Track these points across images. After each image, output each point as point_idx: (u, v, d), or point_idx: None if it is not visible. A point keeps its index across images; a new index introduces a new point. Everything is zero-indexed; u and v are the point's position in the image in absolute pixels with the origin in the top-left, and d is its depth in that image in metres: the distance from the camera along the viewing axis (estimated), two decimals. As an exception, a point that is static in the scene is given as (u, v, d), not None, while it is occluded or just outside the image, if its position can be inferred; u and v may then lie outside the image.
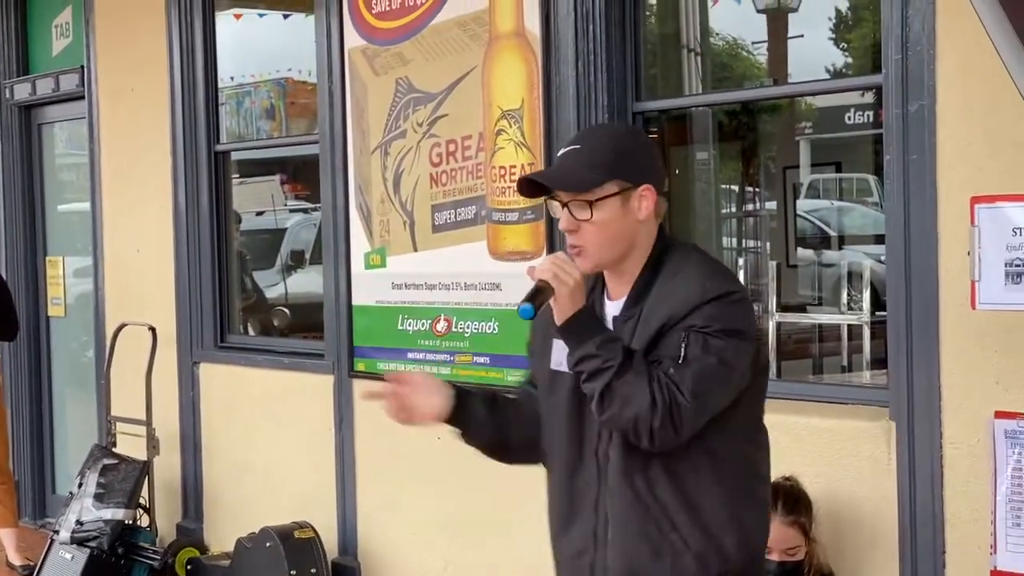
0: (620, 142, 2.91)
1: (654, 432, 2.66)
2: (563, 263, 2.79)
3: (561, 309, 2.78)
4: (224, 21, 7.08)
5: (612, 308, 2.88)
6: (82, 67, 7.73)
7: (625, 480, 2.80)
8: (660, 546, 2.78)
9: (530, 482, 5.26)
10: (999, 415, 3.12)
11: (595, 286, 2.92)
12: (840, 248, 11.33)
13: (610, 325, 2.85)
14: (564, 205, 2.83)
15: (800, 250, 10.78)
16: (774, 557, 3.97)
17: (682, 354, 2.69)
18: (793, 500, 4.03)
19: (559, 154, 2.94)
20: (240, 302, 7.44)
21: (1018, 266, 3.01)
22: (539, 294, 2.77)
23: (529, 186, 2.90)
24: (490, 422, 3.05)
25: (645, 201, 2.82)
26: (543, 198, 2.92)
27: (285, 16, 7.73)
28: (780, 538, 3.94)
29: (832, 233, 11.94)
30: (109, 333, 7.33)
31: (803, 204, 12.50)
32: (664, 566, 2.78)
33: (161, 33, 7.04)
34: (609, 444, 2.83)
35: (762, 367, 2.86)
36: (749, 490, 2.85)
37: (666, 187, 2.94)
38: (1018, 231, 3.01)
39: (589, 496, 2.88)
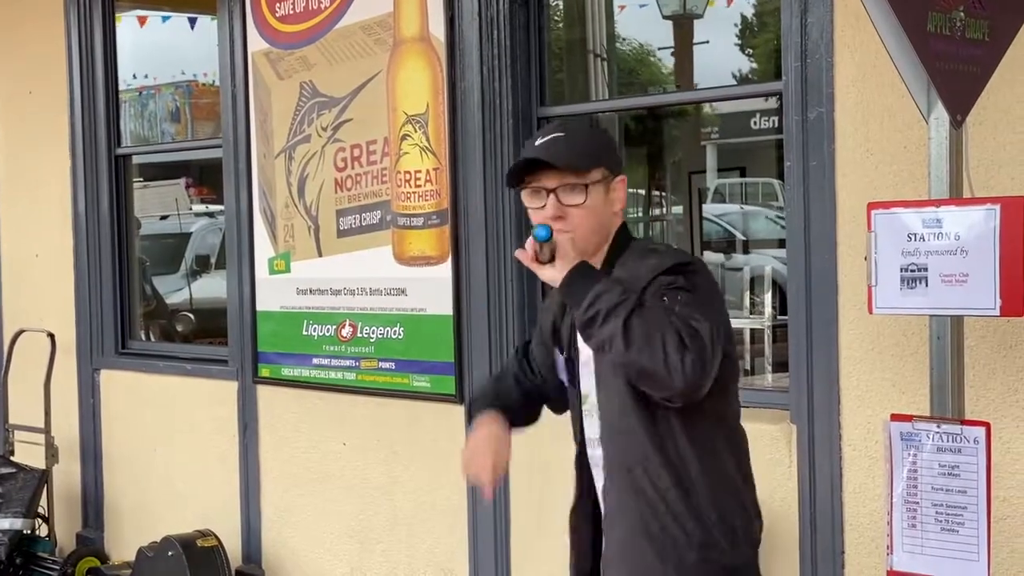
0: (598, 134, 3.04)
1: (684, 366, 2.54)
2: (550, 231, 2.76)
3: (566, 257, 2.73)
4: (127, 24, 6.98)
5: None
6: (-22, 69, 7.58)
7: (622, 473, 2.81)
8: (664, 544, 2.77)
9: (434, 488, 5.26)
10: (895, 417, 3.17)
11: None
12: (747, 252, 11.46)
13: None
14: (550, 192, 2.80)
15: (706, 254, 10.89)
16: None
17: (666, 304, 2.64)
18: None
19: (538, 143, 2.87)
20: (142, 308, 7.34)
21: (913, 271, 3.05)
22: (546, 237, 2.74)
23: (518, 175, 2.86)
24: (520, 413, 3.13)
25: (620, 192, 2.89)
26: (521, 189, 2.89)
27: (191, 20, 7.65)
28: None
29: (740, 237, 12.09)
30: (7, 340, 7.19)
31: (711, 208, 12.64)
32: (669, 567, 2.78)
33: (60, 35, 6.92)
34: (610, 441, 2.84)
35: (731, 349, 2.84)
36: (730, 487, 2.85)
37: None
38: (913, 236, 3.05)
39: (591, 486, 2.93)
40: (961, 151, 3.09)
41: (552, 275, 2.75)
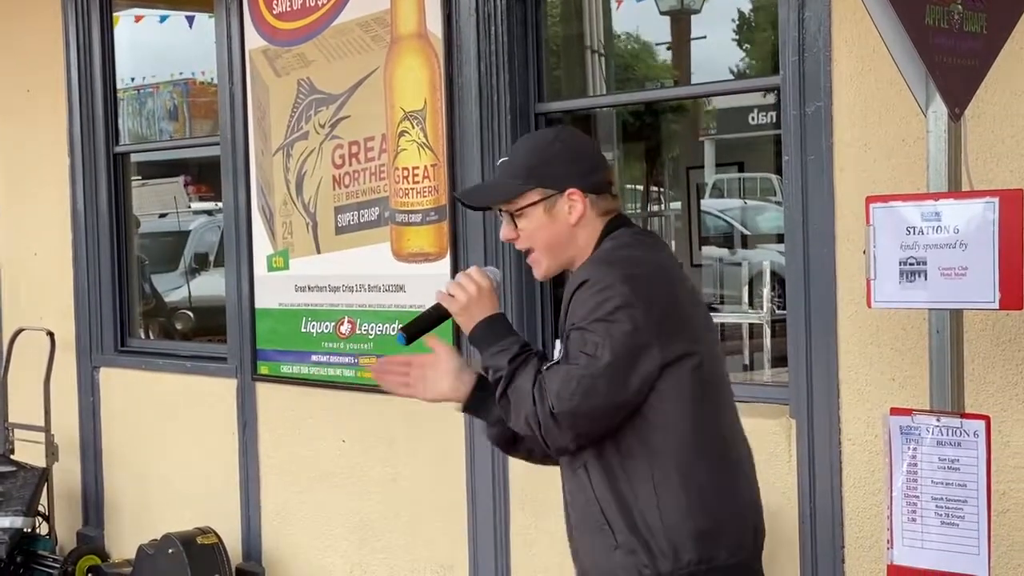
0: (542, 150, 2.88)
1: (543, 437, 2.67)
2: (458, 279, 2.83)
3: (461, 324, 2.83)
4: (125, 23, 6.97)
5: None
6: (-24, 67, 7.57)
7: (575, 479, 2.81)
8: (603, 540, 2.74)
9: (433, 485, 5.26)
10: (894, 411, 3.17)
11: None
12: (745, 247, 11.45)
13: None
14: (501, 213, 2.87)
15: (704, 249, 10.88)
16: None
17: (556, 356, 2.71)
18: None
19: (497, 165, 2.96)
20: (141, 306, 7.34)
21: (912, 265, 3.05)
22: (428, 316, 2.86)
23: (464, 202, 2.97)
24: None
25: (574, 205, 2.81)
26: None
27: (188, 18, 7.64)
28: None
29: (740, 232, 12.07)
30: (6, 338, 7.19)
31: (711, 203, 12.62)
32: (600, 559, 2.75)
33: (58, 33, 6.92)
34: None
35: (672, 359, 2.68)
36: (689, 496, 2.70)
37: (608, 183, 2.89)
38: (912, 230, 3.04)
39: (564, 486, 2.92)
40: (960, 144, 3.09)
41: (463, 326, 2.84)
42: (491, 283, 2.84)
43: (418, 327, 2.88)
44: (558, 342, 2.83)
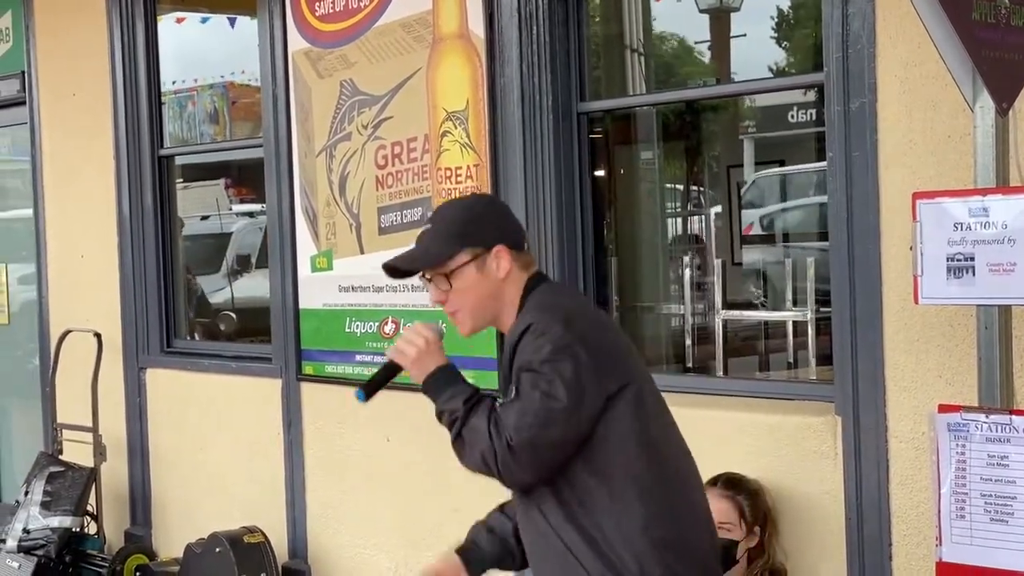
0: (466, 213, 3.08)
1: (500, 472, 2.83)
2: (406, 334, 3.01)
3: (413, 376, 3.00)
4: (166, 25, 7.03)
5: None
6: (23, 72, 7.65)
7: (528, 514, 2.96)
8: (564, 571, 2.88)
9: (480, 484, 5.26)
10: (942, 408, 3.16)
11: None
12: (787, 244, 11.39)
13: None
14: (431, 280, 3.01)
15: (746, 247, 10.83)
16: None
17: (511, 395, 2.85)
18: (734, 481, 4.08)
19: (418, 234, 3.09)
20: (186, 307, 7.40)
21: (959, 261, 3.04)
22: (384, 372, 3.04)
23: (394, 270, 3.08)
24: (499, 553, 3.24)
25: (502, 261, 2.99)
26: (418, 275, 3.09)
27: (230, 20, 7.68)
28: (713, 510, 3.99)
29: (782, 230, 12.00)
30: (54, 340, 7.27)
31: (751, 214, 12.56)
32: None
33: (102, 37, 6.98)
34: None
35: (615, 391, 2.87)
36: (662, 520, 2.87)
37: (525, 242, 3.10)
38: (959, 226, 3.04)
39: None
40: (1007, 139, 3.08)
41: (415, 378, 3.01)
42: (438, 335, 3.02)
43: (375, 384, 3.08)
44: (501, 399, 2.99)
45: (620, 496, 2.85)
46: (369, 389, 3.07)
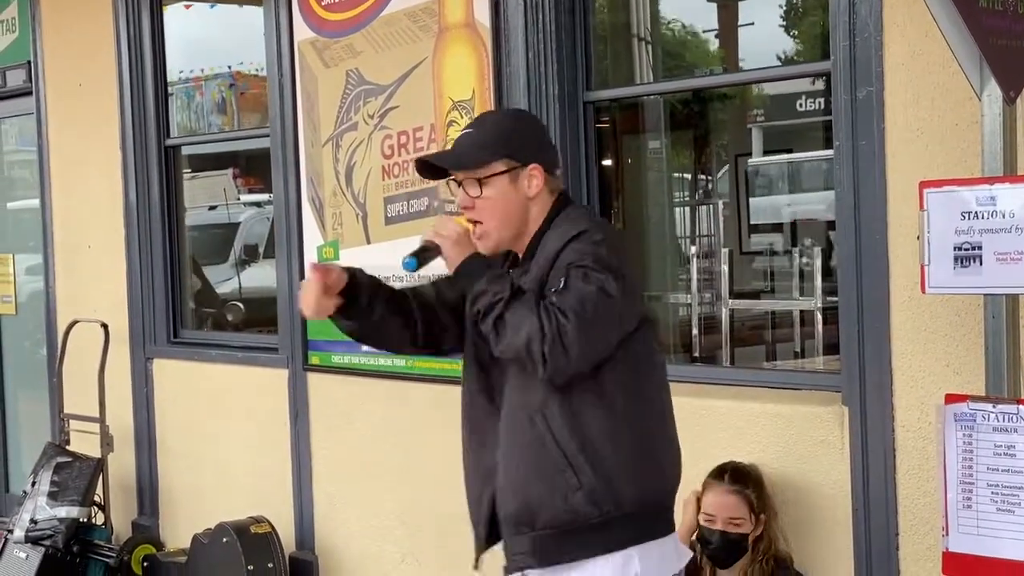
0: (509, 124, 3.13)
1: (545, 356, 2.82)
2: (443, 221, 3.05)
3: (449, 259, 3.01)
4: (173, 14, 7.02)
5: (516, 273, 3.06)
6: (29, 62, 7.65)
7: (524, 417, 2.97)
8: (554, 481, 2.94)
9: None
10: (949, 398, 3.15)
11: (504, 260, 3.13)
12: (794, 234, 11.37)
13: None
14: (460, 184, 3.04)
15: (753, 236, 10.82)
16: (717, 526, 4.02)
17: (562, 284, 2.85)
18: (741, 474, 4.08)
19: (456, 137, 3.12)
20: (193, 297, 7.40)
21: (967, 250, 3.03)
22: (424, 252, 3.03)
23: (426, 168, 3.11)
24: (379, 304, 3.23)
25: (534, 180, 3.03)
26: (445, 180, 3.14)
27: (236, 8, 7.67)
28: (723, 506, 4.00)
29: (789, 219, 11.99)
30: (61, 330, 7.27)
31: (759, 202, 12.54)
32: (556, 501, 2.95)
33: (108, 26, 6.98)
34: (505, 382, 3.01)
35: (646, 316, 3.03)
36: (645, 447, 2.99)
37: (558, 168, 3.18)
38: (966, 215, 3.03)
39: (486, 430, 3.08)
40: (1015, 128, 3.06)
41: (451, 259, 3.01)
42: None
43: (424, 258, 3.05)
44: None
45: (619, 415, 2.95)
46: (420, 261, 3.05)
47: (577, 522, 2.95)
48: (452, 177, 3.09)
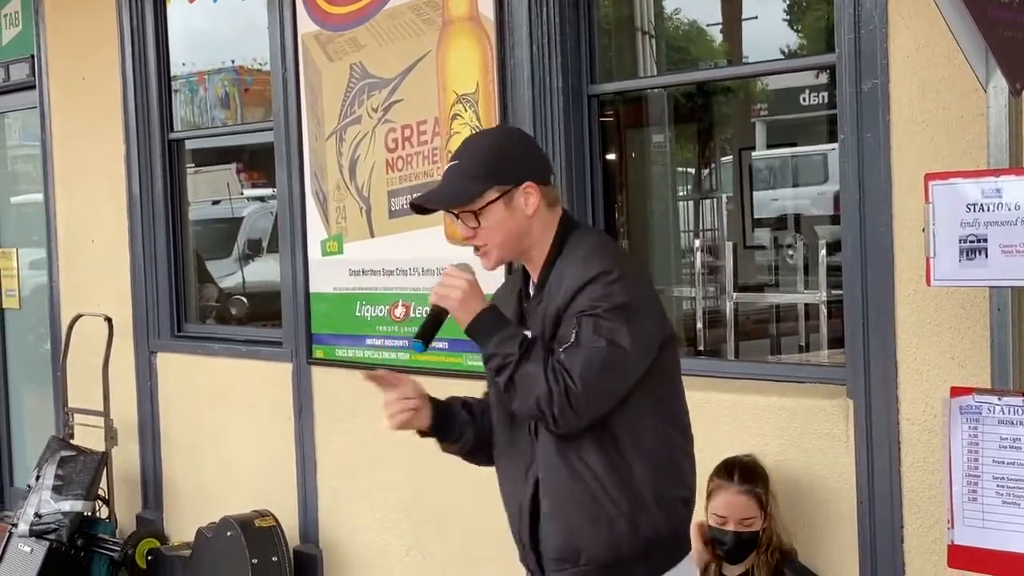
0: (494, 149, 3.05)
1: (556, 417, 2.83)
2: (446, 279, 2.98)
3: (458, 319, 2.96)
4: (176, 8, 7.01)
5: (530, 305, 3.06)
6: (32, 56, 7.65)
7: (559, 454, 2.96)
8: (596, 512, 2.94)
9: (491, 467, 5.25)
10: (955, 391, 3.14)
11: (523, 275, 3.12)
12: (798, 227, 11.37)
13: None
14: (457, 216, 3.00)
15: (757, 230, 10.82)
16: (730, 527, 4.01)
17: (572, 339, 2.84)
18: (748, 471, 4.07)
19: (444, 170, 3.07)
20: (196, 291, 7.40)
21: (972, 242, 3.02)
22: (433, 325, 3.01)
23: (423, 208, 3.06)
24: (468, 429, 3.26)
25: (531, 197, 2.99)
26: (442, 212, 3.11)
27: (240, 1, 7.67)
28: (735, 507, 3.99)
29: (793, 212, 11.99)
30: (65, 325, 7.27)
31: (763, 196, 12.54)
32: (601, 531, 2.95)
33: (111, 20, 6.98)
34: (538, 424, 2.98)
35: (666, 340, 3.00)
36: (672, 467, 3.02)
37: (552, 175, 3.10)
38: (972, 207, 3.02)
39: (521, 470, 3.07)
40: (1021, 120, 3.05)
41: (460, 321, 2.97)
42: (474, 276, 2.99)
43: (427, 331, 3.04)
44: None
45: (652, 448, 2.95)
46: (424, 337, 3.04)
47: (620, 555, 2.95)
48: (449, 210, 3.06)
